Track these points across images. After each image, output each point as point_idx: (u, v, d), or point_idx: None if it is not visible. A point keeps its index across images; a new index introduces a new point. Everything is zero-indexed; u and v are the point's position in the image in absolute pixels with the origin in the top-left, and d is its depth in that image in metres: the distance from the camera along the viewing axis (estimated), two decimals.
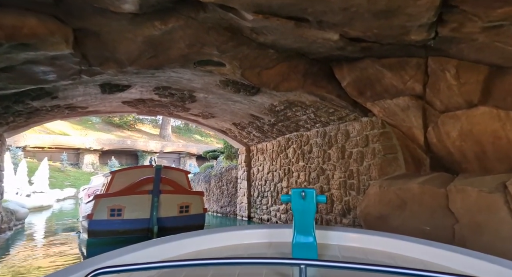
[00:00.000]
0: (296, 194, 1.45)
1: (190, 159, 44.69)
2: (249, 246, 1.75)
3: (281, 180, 9.55)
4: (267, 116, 8.47)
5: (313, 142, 8.17)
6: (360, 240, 1.77)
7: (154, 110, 9.68)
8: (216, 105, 8.59)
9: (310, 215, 1.44)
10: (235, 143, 11.92)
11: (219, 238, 1.79)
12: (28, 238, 9.75)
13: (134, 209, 8.13)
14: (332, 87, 6.08)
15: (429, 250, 1.56)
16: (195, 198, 9.07)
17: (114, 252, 1.54)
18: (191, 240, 1.73)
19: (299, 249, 1.41)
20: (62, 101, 6.98)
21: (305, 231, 1.42)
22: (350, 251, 1.66)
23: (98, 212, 8.05)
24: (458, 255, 1.47)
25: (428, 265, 1.44)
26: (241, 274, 1.27)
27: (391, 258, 1.55)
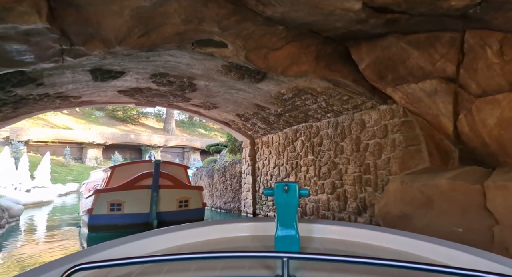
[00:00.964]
0: (279, 188, 1.44)
1: (194, 153, 44.36)
2: (232, 239, 1.73)
3: (288, 174, 8.93)
4: (273, 105, 7.83)
5: (324, 134, 7.53)
6: (342, 232, 1.77)
7: (153, 100, 9.08)
8: (218, 95, 7.96)
9: (292, 208, 1.43)
10: (239, 136, 11.31)
11: (202, 232, 1.76)
12: (23, 235, 9.30)
13: (134, 203, 8.15)
14: (347, 71, 5.42)
15: (408, 242, 1.57)
16: (194, 192, 9.10)
17: (94, 247, 1.48)
18: (173, 235, 1.69)
19: (281, 242, 1.41)
20: (50, 89, 6.39)
21: (288, 225, 1.42)
22: (332, 244, 1.66)
23: (98, 206, 8.07)
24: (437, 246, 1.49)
25: (407, 256, 1.46)
26: (224, 267, 1.26)
27: (371, 250, 1.56)
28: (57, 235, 9.68)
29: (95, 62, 5.51)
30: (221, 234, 1.78)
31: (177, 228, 1.78)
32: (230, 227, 1.84)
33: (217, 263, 1.28)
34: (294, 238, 1.40)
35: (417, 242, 1.56)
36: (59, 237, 9.40)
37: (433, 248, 1.49)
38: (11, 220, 9.37)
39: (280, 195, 1.45)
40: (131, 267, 1.25)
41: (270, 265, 1.24)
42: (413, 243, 1.56)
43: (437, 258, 1.43)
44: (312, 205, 7.80)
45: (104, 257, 1.20)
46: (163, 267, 1.27)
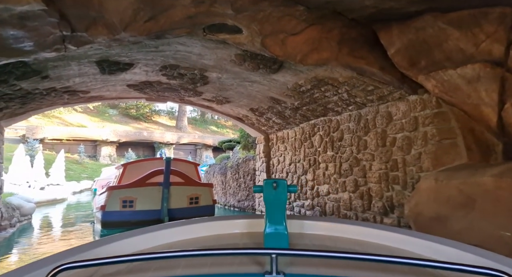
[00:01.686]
0: (267, 185, 1.44)
1: (206, 150, 44.27)
2: (221, 237, 1.72)
3: (305, 172, 8.47)
4: (289, 98, 7.37)
5: (345, 128, 7.03)
6: (330, 228, 1.79)
7: (164, 95, 8.75)
8: (231, 88, 7.55)
9: (281, 205, 1.44)
10: (252, 132, 10.90)
11: (191, 230, 1.75)
12: (35, 233, 9.15)
13: (145, 200, 8.22)
14: (374, 57, 4.91)
15: (395, 236, 1.58)
16: (205, 189, 9.12)
17: (81, 246, 1.46)
18: (162, 232, 1.68)
19: (270, 239, 1.41)
20: (57, 82, 6.10)
21: (277, 221, 1.42)
22: (321, 240, 1.66)
23: (111, 203, 8.18)
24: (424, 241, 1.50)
25: (394, 251, 1.47)
26: (213, 264, 1.25)
27: (359, 245, 1.57)
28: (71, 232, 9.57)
29: (101, 52, 5.16)
30: (210, 231, 1.76)
31: (166, 226, 1.76)
32: (219, 224, 1.82)
33: (206, 260, 1.28)
34: (283, 235, 1.41)
35: (404, 236, 1.58)
36: (73, 234, 9.27)
37: (420, 242, 1.51)
38: (22, 219, 9.23)
39: (269, 192, 1.43)
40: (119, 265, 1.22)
41: (260, 262, 1.24)
42: (399, 238, 1.58)
43: (423, 253, 1.44)
44: (332, 205, 7.33)
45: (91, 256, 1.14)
46: (151, 265, 1.25)
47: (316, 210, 7.88)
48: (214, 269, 1.22)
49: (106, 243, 1.48)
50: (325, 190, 7.60)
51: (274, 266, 1.05)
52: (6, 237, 7.71)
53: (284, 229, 1.41)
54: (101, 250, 1.40)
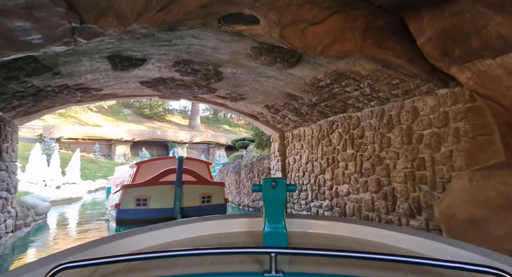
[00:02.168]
0: (266, 184, 1.43)
1: (219, 149, 44.25)
2: (220, 236, 1.69)
3: (323, 171, 8.14)
4: (307, 94, 7.06)
5: (366, 125, 6.67)
6: (328, 227, 1.77)
7: (177, 92, 8.56)
8: (246, 84, 7.29)
9: (280, 204, 1.43)
10: (267, 130, 10.62)
11: (190, 229, 1.73)
12: (50, 232, 9.12)
13: (159, 199, 8.33)
14: (401, 48, 4.56)
15: (394, 235, 1.59)
16: (216, 188, 9.22)
17: (81, 246, 1.45)
18: (161, 232, 1.65)
19: (269, 237, 1.40)
20: (69, 79, 5.96)
21: (276, 220, 1.41)
22: (320, 238, 1.66)
23: (125, 201, 8.35)
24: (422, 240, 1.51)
25: (393, 249, 1.48)
26: (212, 262, 1.26)
27: (358, 244, 1.57)
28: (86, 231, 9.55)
29: (113, 47, 4.98)
30: (209, 230, 1.75)
31: (165, 225, 1.74)
32: (218, 223, 1.81)
33: (205, 259, 1.28)
34: (282, 234, 1.41)
35: (403, 235, 1.58)
36: (89, 233, 9.24)
37: (419, 240, 1.51)
38: (37, 218, 9.21)
39: (268, 190, 1.42)
40: (118, 264, 1.23)
41: (259, 261, 1.24)
42: (398, 236, 1.58)
43: (422, 251, 1.44)
44: (352, 205, 6.98)
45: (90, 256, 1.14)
46: (151, 264, 1.25)
47: (335, 211, 7.55)
48: (213, 267, 1.22)
49: (105, 242, 1.47)
50: (345, 190, 7.26)
51: (273, 265, 1.05)
52: (20, 236, 7.68)
53: (283, 228, 1.41)
54: (100, 249, 1.39)
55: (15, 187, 7.46)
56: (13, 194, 7.34)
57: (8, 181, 6.98)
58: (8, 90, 5.40)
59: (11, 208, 7.29)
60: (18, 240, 7.43)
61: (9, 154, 7.04)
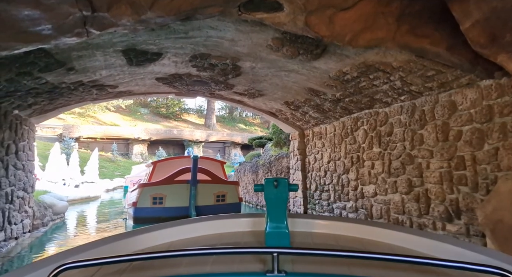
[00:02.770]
0: (268, 183, 1.45)
1: (235, 148, 44.14)
2: (222, 235, 1.69)
3: (347, 171, 7.72)
4: (330, 89, 6.65)
5: (395, 121, 6.22)
6: (331, 227, 1.75)
7: (194, 89, 8.31)
8: (265, 79, 6.95)
9: (282, 203, 1.45)
10: (286, 127, 10.25)
11: (193, 229, 1.72)
12: (68, 231, 9.07)
13: (174, 197, 8.46)
14: (440, 35, 4.11)
15: (397, 235, 1.58)
16: (231, 187, 9.28)
17: (82, 246, 1.45)
18: (163, 232, 1.64)
19: (271, 237, 1.41)
20: (83, 75, 5.78)
21: (278, 220, 1.42)
22: (322, 238, 1.64)
23: (142, 200, 8.48)
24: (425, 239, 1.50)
25: (396, 249, 1.48)
26: (215, 262, 1.26)
27: (361, 244, 1.55)
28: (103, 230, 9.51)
29: (127, 40, 4.74)
30: (212, 230, 1.74)
31: (167, 225, 1.73)
32: (220, 223, 1.80)
33: (208, 259, 1.27)
34: (284, 233, 1.40)
35: (406, 235, 1.56)
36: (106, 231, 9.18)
37: (422, 240, 1.49)
38: (55, 218, 9.17)
39: (270, 190, 1.42)
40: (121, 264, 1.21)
41: (261, 260, 1.23)
42: (401, 236, 1.56)
43: (425, 251, 1.41)
44: (380, 207, 6.54)
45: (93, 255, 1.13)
46: (153, 264, 1.24)
47: (361, 213, 7.12)
48: (215, 267, 1.22)
49: (108, 242, 1.46)
50: (371, 191, 6.83)
51: (276, 265, 1.05)
52: (38, 236, 7.61)
53: (285, 228, 1.41)
54: (103, 249, 1.39)
55: (32, 186, 7.38)
56: (30, 194, 7.26)
57: (25, 181, 6.89)
58: (22, 86, 5.25)
59: (28, 207, 7.21)
60: (35, 240, 7.35)
61: (25, 153, 6.95)
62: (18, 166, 6.51)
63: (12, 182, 6.19)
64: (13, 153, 6.28)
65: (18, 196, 6.53)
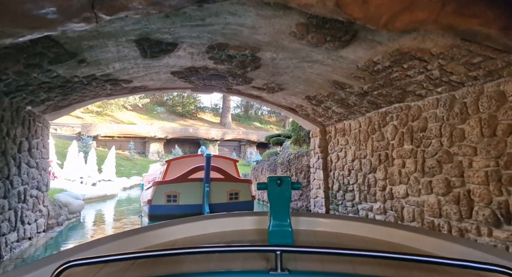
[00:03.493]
0: (272, 182, 1.45)
1: (251, 146, 43.88)
2: (226, 234, 1.71)
3: (374, 169, 7.20)
4: (357, 81, 6.16)
5: (429, 116, 5.67)
6: (334, 225, 1.75)
7: (210, 84, 7.96)
8: (286, 71, 6.52)
9: (285, 202, 1.45)
10: (306, 124, 9.78)
11: (197, 227, 1.73)
12: (82, 232, 8.91)
13: (188, 195, 8.55)
14: (493, 14, 3.58)
15: (400, 234, 1.57)
16: (244, 185, 9.35)
17: (87, 243, 1.48)
18: (168, 230, 1.66)
19: (275, 235, 1.41)
20: (95, 68, 5.50)
21: (281, 218, 1.42)
22: (325, 236, 1.66)
23: (156, 197, 8.60)
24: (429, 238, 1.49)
25: (400, 248, 1.47)
26: (219, 260, 1.28)
27: (364, 242, 1.56)
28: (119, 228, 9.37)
29: (140, 28, 4.40)
30: (215, 228, 1.73)
31: (171, 223, 1.72)
32: (224, 221, 1.79)
33: (211, 257, 1.28)
34: (287, 232, 1.40)
35: (410, 234, 1.55)
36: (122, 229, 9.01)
37: (426, 239, 1.48)
38: (71, 217, 9.03)
39: (273, 189, 1.43)
40: (125, 262, 1.22)
41: (264, 258, 1.23)
42: (405, 234, 1.55)
43: (429, 250, 1.41)
44: (412, 209, 6.01)
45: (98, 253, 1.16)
46: (157, 262, 1.25)
47: (390, 215, 6.60)
48: (219, 265, 1.21)
49: (112, 240, 1.46)
50: (402, 192, 6.30)
51: (279, 263, 1.06)
52: (52, 236, 7.44)
53: (288, 226, 1.40)
54: (108, 247, 1.39)
55: (46, 185, 7.21)
56: (44, 192, 7.09)
57: (39, 179, 6.71)
58: (32, 80, 5.01)
59: (43, 206, 7.05)
60: (50, 240, 7.18)
61: (39, 150, 6.77)
62: (32, 164, 6.32)
63: (25, 180, 6.01)
64: (26, 151, 6.09)
65: (32, 195, 6.35)
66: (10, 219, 5.40)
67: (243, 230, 1.74)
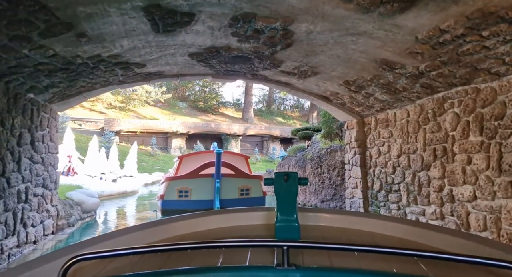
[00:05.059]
0: (278, 177, 1.45)
1: (273, 142, 42.93)
2: (233, 229, 1.71)
3: (427, 166, 6.06)
4: (413, 59, 5.04)
5: (509, 100, 4.48)
6: (341, 220, 1.75)
7: (233, 70, 7.05)
8: (323, 50, 5.48)
9: (292, 197, 1.45)
10: (341, 115, 8.69)
11: (204, 222, 1.73)
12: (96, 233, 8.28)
13: (199, 191, 8.67)
14: None
15: (409, 229, 1.57)
16: (255, 181, 9.37)
17: (95, 238, 1.50)
18: (175, 225, 1.66)
19: (282, 231, 1.41)
20: (100, 47, 4.70)
21: (288, 213, 1.43)
22: (332, 232, 1.66)
23: (169, 193, 8.79)
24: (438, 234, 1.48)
25: (408, 244, 1.46)
26: (225, 255, 1.28)
27: (372, 238, 1.55)
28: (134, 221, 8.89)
29: None
30: (222, 223, 1.74)
31: (179, 218, 1.73)
32: (231, 217, 1.79)
33: (218, 252, 1.29)
34: (294, 227, 1.40)
35: (418, 229, 1.55)
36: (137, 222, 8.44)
37: (434, 235, 1.47)
38: (85, 216, 8.42)
39: (280, 184, 1.43)
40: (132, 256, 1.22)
41: (271, 254, 1.24)
42: (413, 230, 1.54)
43: (437, 245, 1.38)
44: (483, 216, 4.86)
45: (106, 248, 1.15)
46: (164, 256, 1.26)
47: (450, 221, 5.46)
48: (226, 260, 1.23)
49: (121, 234, 1.47)
50: (467, 194, 5.14)
51: (286, 258, 1.05)
52: (62, 239, 6.81)
53: (295, 221, 1.41)
54: (116, 241, 1.39)
55: (55, 182, 6.56)
56: (52, 191, 6.44)
57: (45, 176, 6.05)
58: (26, 60, 4.26)
59: (51, 206, 6.41)
60: (59, 243, 6.55)
61: (46, 144, 6.10)
62: (36, 159, 5.65)
63: (27, 177, 5.34)
64: (28, 144, 5.41)
65: (36, 194, 5.69)
66: (7, 222, 4.74)
67: (250, 225, 1.73)
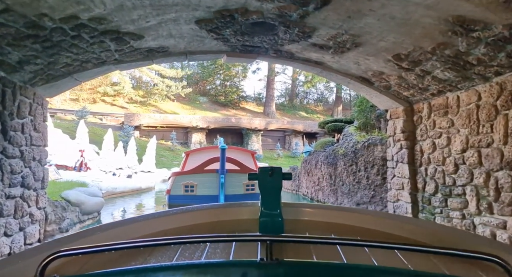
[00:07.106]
0: (263, 172, 1.46)
1: (296, 137, 41.44)
2: (217, 223, 1.73)
3: (509, 164, 4.53)
4: (505, 13, 3.53)
5: None
6: (326, 215, 1.76)
7: (252, 43, 5.75)
8: (373, 7, 4.06)
9: (276, 192, 1.47)
10: (383, 101, 7.20)
11: (188, 217, 1.74)
12: None
13: (205, 186, 8.75)
14: None
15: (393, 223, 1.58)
16: None
17: (76, 234, 1.46)
18: (158, 220, 1.68)
19: (265, 225, 1.43)
20: (75, 4, 3.51)
21: (272, 208, 1.44)
22: (316, 226, 1.68)
23: (175, 187, 8.97)
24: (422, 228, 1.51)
25: (390, 237, 1.48)
26: (209, 250, 1.30)
27: (354, 231, 1.58)
28: None
29: None
30: (205, 218, 1.74)
31: (163, 213, 1.75)
32: (214, 212, 1.80)
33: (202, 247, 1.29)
34: (277, 222, 1.42)
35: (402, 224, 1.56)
36: None
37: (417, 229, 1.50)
38: (84, 218, 7.43)
39: (264, 179, 1.44)
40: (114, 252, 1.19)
41: (255, 248, 1.24)
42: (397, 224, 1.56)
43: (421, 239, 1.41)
44: None
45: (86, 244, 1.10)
46: (146, 252, 1.26)
47: None
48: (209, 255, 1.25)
49: (102, 230, 1.46)
50: None
51: (269, 253, 1.05)
52: None
53: (279, 216, 1.43)
54: (97, 237, 1.38)
55: (42, 181, 5.53)
56: (38, 191, 5.42)
57: (26, 173, 5.02)
58: None
59: (36, 209, 5.39)
60: None
61: (27, 134, 5.07)
62: (11, 153, 4.62)
63: None
64: None
65: (12, 196, 4.68)
66: None
67: (234, 220, 1.70)
